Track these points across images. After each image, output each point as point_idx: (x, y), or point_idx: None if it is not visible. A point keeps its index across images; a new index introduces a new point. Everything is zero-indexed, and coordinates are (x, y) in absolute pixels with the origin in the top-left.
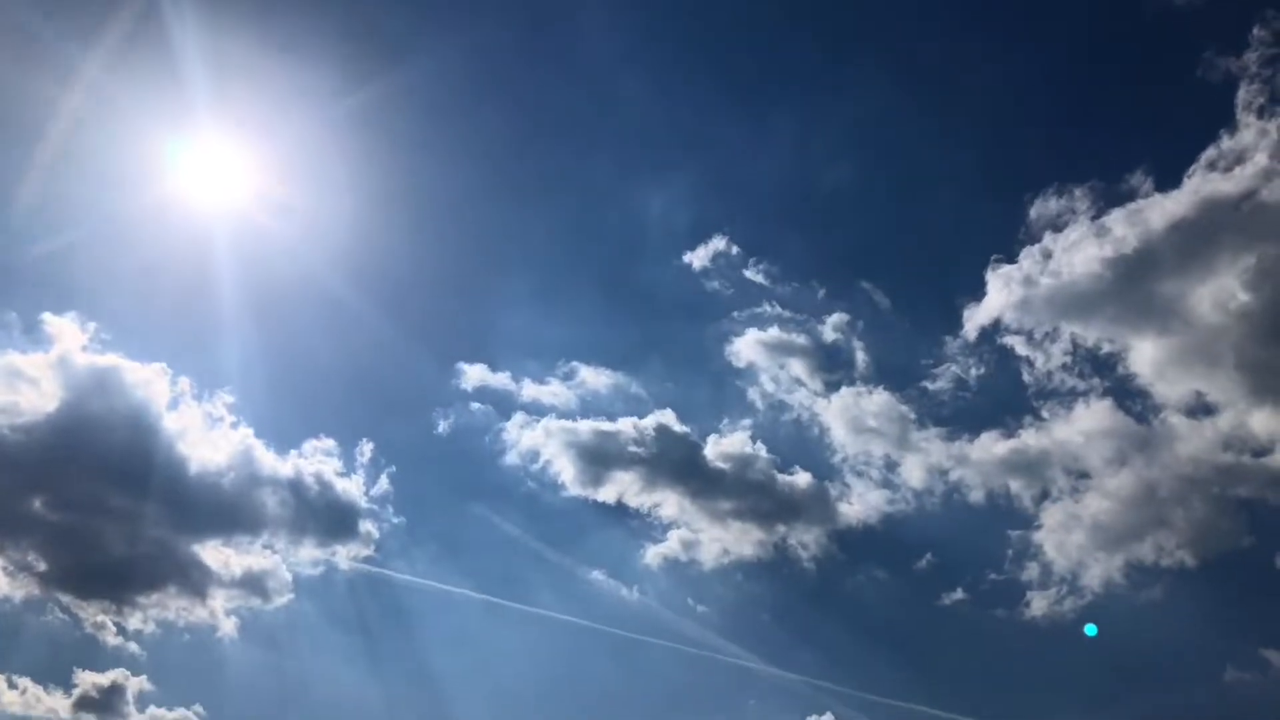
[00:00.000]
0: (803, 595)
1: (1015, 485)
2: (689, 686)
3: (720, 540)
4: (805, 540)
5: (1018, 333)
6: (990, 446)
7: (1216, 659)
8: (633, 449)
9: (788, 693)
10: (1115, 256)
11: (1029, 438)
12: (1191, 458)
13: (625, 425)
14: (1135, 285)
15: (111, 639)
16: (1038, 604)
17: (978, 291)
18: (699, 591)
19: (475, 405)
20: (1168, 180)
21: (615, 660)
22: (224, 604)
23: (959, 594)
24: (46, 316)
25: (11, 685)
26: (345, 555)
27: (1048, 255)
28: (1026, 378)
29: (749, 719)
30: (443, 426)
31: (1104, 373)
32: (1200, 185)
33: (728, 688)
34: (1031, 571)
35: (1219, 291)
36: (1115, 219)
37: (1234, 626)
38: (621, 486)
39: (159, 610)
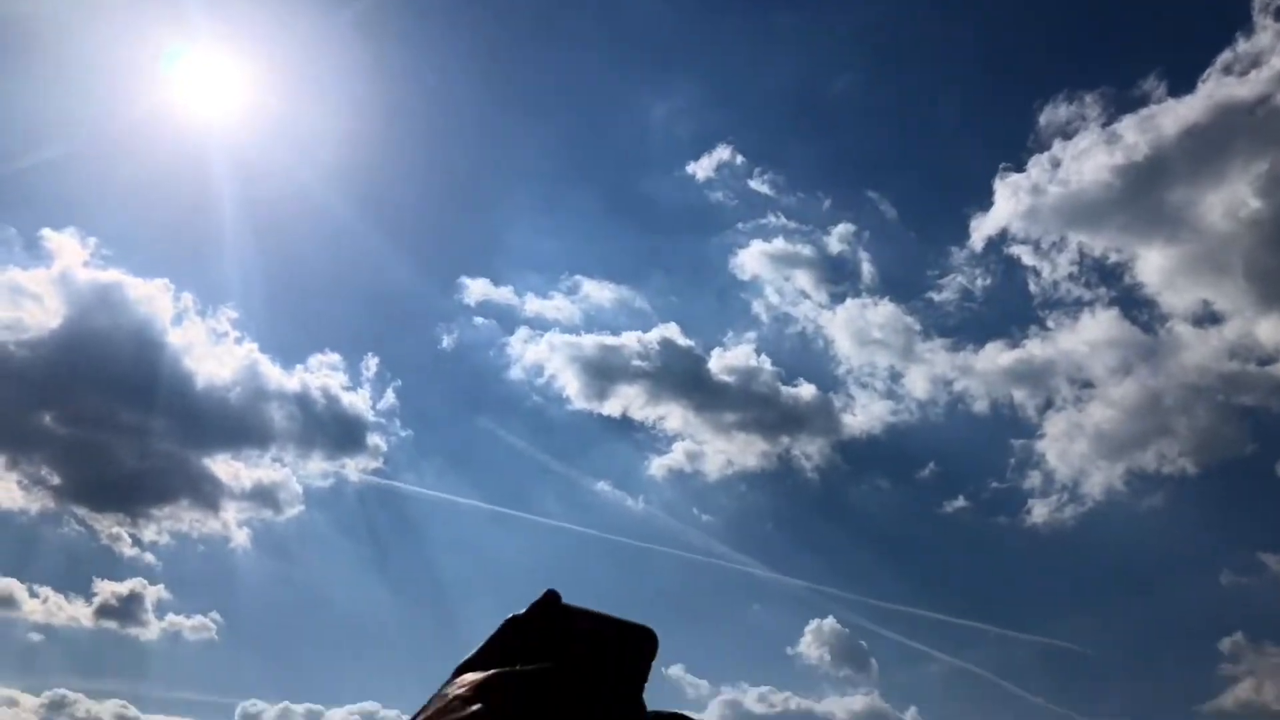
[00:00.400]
0: (806, 504)
1: (1019, 395)
2: (694, 592)
3: (724, 452)
4: (809, 451)
5: (1025, 242)
6: (995, 357)
7: (1213, 563)
8: (637, 363)
9: (791, 597)
10: (1125, 164)
11: (1034, 348)
12: (1197, 366)
13: (629, 339)
14: (1145, 193)
15: (128, 550)
16: (1039, 511)
17: (985, 201)
18: (704, 502)
19: (478, 320)
20: (1181, 85)
21: (621, 568)
22: (236, 516)
23: (961, 501)
24: (46, 232)
25: (33, 594)
26: (354, 468)
27: (1056, 163)
28: (1033, 288)
29: (753, 622)
30: (446, 341)
31: (1110, 282)
32: (1214, 89)
33: (732, 593)
34: (1033, 480)
35: (1230, 199)
36: (1126, 125)
37: (1232, 532)
38: (626, 400)
39: (172, 522)
